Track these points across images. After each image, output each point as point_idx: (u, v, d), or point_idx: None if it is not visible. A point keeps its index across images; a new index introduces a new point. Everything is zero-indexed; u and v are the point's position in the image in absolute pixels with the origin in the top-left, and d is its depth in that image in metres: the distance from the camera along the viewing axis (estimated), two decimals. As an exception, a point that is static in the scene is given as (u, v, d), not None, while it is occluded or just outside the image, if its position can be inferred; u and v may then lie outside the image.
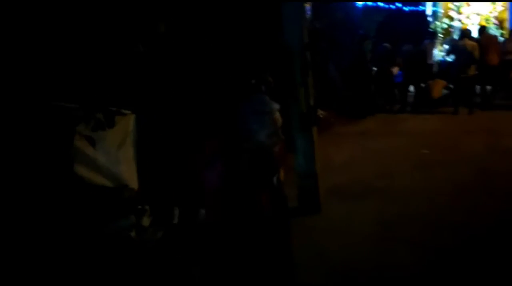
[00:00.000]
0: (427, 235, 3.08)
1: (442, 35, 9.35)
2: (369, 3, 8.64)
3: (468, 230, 3.12)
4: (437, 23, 9.68)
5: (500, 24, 9.42)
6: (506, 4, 9.27)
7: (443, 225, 3.23)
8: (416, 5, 9.24)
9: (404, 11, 9.03)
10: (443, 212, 3.46)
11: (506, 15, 9.41)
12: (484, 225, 3.19)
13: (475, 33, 7.87)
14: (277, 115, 2.09)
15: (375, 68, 7.36)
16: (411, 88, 7.60)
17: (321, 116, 6.32)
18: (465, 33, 7.00)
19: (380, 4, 8.71)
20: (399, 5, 8.90)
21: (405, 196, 3.81)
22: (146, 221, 3.31)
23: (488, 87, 7.27)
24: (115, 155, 3.24)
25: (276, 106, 2.08)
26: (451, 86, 7.23)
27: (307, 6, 3.20)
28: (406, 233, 3.13)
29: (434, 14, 9.75)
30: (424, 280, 2.53)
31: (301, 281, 1.99)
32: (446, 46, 8.44)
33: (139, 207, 3.30)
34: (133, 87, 3.18)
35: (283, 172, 2.20)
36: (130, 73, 3.10)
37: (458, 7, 9.58)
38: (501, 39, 8.15)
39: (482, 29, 7.51)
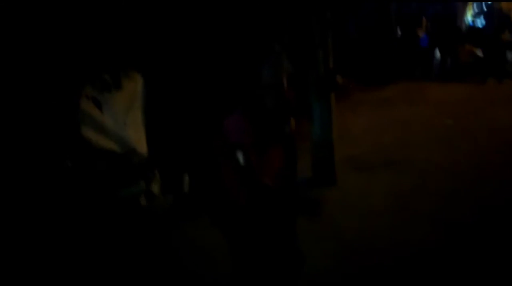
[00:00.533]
0: (446, 210, 2.94)
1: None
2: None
3: (490, 204, 2.96)
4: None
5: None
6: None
7: (464, 199, 3.08)
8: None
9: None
10: (464, 186, 3.30)
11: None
12: (508, 199, 3.02)
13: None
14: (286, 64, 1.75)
15: (399, 31, 6.94)
16: (437, 53, 7.18)
17: (339, 82, 6.04)
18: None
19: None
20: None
21: (425, 169, 3.65)
22: (155, 188, 3.25)
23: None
24: (123, 118, 3.14)
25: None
26: (479, 53, 6.78)
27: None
28: (424, 207, 3.00)
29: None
30: (442, 256, 2.42)
31: (311, 259, 1.88)
32: (476, 9, 7.86)
33: (149, 173, 3.24)
34: (142, 47, 3.01)
35: (294, 122, 1.97)
36: (138, 31, 2.92)
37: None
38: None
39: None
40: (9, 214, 2.49)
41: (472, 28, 7.50)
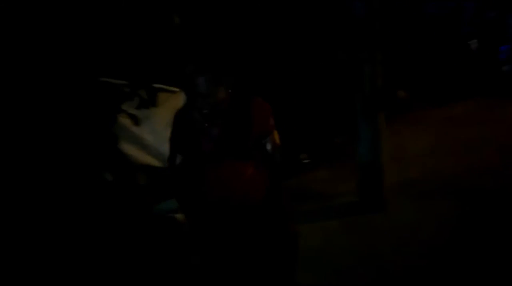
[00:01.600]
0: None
1: None
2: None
3: None
4: None
5: None
6: None
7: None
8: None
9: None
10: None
11: None
12: None
13: None
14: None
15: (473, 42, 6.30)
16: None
17: (400, 97, 5.63)
18: None
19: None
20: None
21: (496, 201, 3.15)
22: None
23: None
24: (163, 133, 3.18)
25: None
26: None
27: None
28: (491, 251, 2.52)
29: None
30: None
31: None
32: None
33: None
34: (184, 62, 3.05)
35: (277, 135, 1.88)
36: (177, 47, 2.97)
37: None
38: None
39: None
40: (49, 225, 2.60)
41: None
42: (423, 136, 4.66)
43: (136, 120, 2.86)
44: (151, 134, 3.13)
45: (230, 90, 1.75)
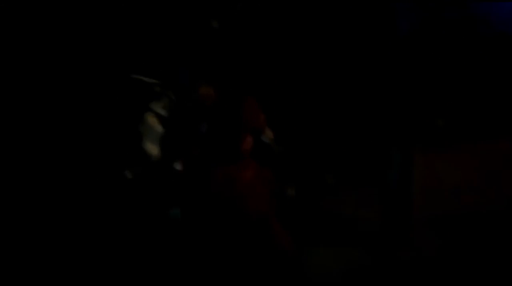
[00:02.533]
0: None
1: None
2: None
3: None
4: None
5: None
6: None
7: None
8: None
9: None
10: None
11: None
12: None
13: None
14: None
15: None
16: None
17: (438, 125, 5.35)
18: None
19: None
20: None
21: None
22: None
23: None
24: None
25: None
26: None
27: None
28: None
29: None
30: None
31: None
32: None
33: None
34: (211, 66, 3.05)
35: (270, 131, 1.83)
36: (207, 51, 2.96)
37: None
38: None
39: None
40: (67, 220, 2.62)
41: None
42: (461, 169, 4.38)
43: (162, 120, 2.85)
44: (176, 135, 3.12)
45: (214, 87, 1.73)
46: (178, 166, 3.08)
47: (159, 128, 2.97)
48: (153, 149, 3.01)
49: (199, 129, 1.78)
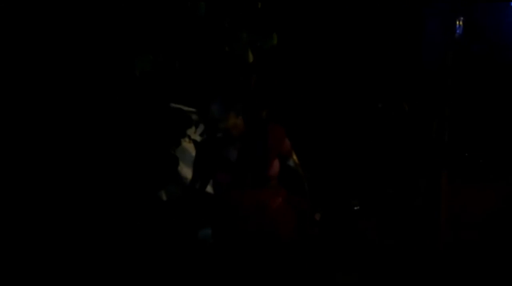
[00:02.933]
0: None
1: None
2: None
3: None
4: None
5: None
6: None
7: None
8: None
9: None
10: None
11: None
12: None
13: None
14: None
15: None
16: None
17: (469, 157, 5.30)
18: None
19: None
20: None
21: None
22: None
23: None
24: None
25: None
26: None
27: (458, 24, 2.68)
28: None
29: None
30: None
31: None
32: None
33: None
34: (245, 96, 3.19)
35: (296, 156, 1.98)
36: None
37: None
38: None
39: None
40: (99, 239, 2.72)
41: None
42: (491, 200, 4.34)
43: (197, 146, 3.00)
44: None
45: (241, 116, 1.87)
46: (210, 189, 3.21)
47: (194, 154, 3.12)
48: (188, 172, 3.16)
49: (229, 157, 1.92)
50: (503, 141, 5.57)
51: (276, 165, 1.88)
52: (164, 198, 3.12)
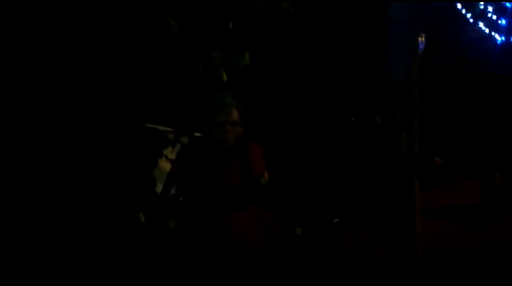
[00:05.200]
0: None
1: None
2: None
3: None
4: None
5: None
6: None
7: None
8: None
9: None
10: None
11: None
12: None
13: None
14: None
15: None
16: None
17: (438, 163, 5.51)
18: None
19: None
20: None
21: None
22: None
23: None
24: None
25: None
26: None
27: (420, 40, 2.82)
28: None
29: None
30: None
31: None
32: None
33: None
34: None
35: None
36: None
37: None
38: None
39: None
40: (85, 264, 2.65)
41: None
42: (461, 206, 4.49)
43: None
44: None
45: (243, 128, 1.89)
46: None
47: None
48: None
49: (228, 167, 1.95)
50: (469, 147, 5.82)
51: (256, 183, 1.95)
52: (142, 219, 3.08)
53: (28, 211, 2.42)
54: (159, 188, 3.07)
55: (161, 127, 2.95)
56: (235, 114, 1.88)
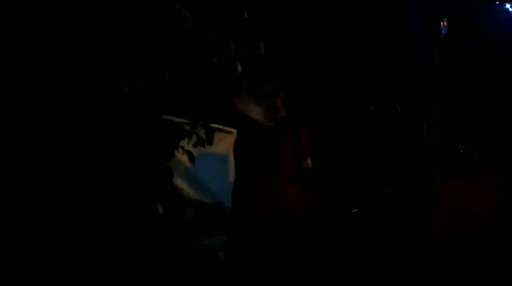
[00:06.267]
0: None
1: None
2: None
3: None
4: None
5: None
6: None
7: None
8: None
9: None
10: None
11: None
12: None
13: None
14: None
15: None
16: None
17: (461, 151, 5.35)
18: None
19: None
20: None
21: None
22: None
23: None
24: (216, 171, 3.31)
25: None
26: None
27: (443, 24, 2.71)
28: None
29: None
30: None
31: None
32: None
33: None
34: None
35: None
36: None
37: None
38: None
39: None
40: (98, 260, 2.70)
41: None
42: (486, 196, 4.35)
43: (191, 157, 2.99)
44: (205, 171, 3.26)
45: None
46: (208, 200, 3.20)
47: (188, 164, 3.12)
48: (182, 183, 3.15)
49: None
50: (494, 137, 5.63)
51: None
52: (161, 210, 3.11)
53: (42, 202, 2.47)
54: (175, 179, 3.10)
55: (177, 119, 2.95)
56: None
